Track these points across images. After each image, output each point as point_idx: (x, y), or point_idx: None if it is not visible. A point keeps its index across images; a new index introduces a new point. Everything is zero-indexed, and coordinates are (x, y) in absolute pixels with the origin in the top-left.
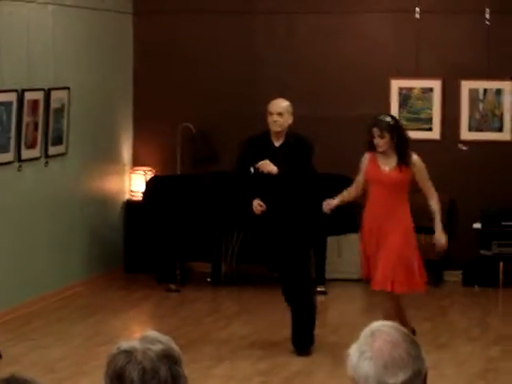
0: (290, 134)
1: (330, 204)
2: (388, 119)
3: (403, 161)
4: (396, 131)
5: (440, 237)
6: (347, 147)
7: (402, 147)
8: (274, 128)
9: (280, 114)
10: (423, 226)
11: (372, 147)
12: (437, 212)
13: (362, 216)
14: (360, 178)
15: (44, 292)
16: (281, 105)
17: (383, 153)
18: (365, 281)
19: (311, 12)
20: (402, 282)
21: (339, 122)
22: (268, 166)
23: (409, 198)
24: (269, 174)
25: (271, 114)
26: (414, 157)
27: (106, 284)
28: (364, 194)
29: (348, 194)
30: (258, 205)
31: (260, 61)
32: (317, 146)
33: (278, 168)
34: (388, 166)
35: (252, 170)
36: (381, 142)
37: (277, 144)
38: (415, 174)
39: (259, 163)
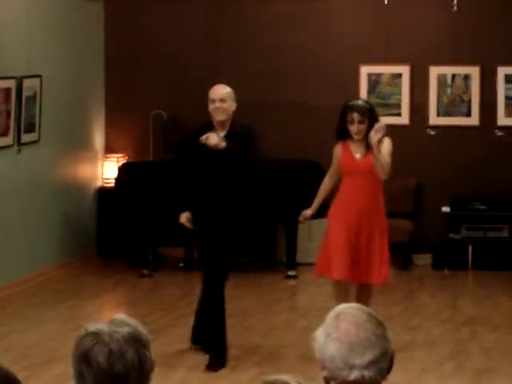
0: (235, 122)
1: (305, 216)
2: (364, 103)
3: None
4: (372, 117)
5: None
6: (317, 133)
7: None
8: (218, 116)
9: (223, 101)
10: (390, 210)
11: (343, 135)
12: (382, 157)
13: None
14: (334, 170)
15: (17, 278)
16: (223, 91)
17: (358, 139)
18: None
19: None
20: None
21: (308, 109)
22: (214, 140)
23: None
24: (213, 152)
25: (213, 101)
26: (386, 138)
27: (79, 269)
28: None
29: (324, 192)
30: (185, 219)
31: (229, 48)
32: (286, 133)
33: (225, 147)
34: (359, 152)
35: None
36: (361, 128)
37: (222, 134)
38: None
39: (205, 136)
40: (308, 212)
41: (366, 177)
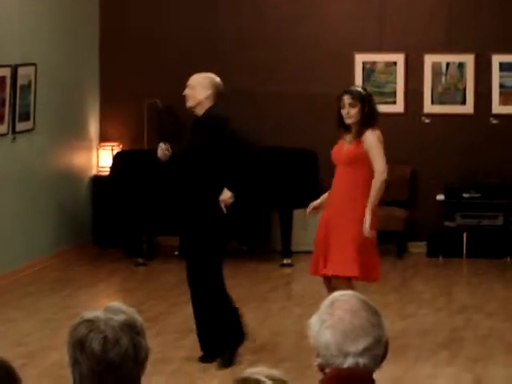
0: (210, 110)
1: (312, 209)
2: (359, 89)
3: (357, 134)
4: (367, 104)
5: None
6: (312, 122)
7: (368, 122)
8: (187, 103)
9: (188, 87)
10: (384, 198)
11: (342, 126)
12: (371, 194)
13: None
14: None
15: (13, 267)
16: (194, 77)
17: (352, 126)
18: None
19: None
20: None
21: (303, 98)
22: (227, 200)
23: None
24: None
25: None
26: (367, 132)
27: (74, 258)
28: None
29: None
30: (165, 149)
31: (226, 38)
32: (281, 121)
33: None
34: (347, 142)
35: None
36: (351, 112)
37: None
38: (366, 149)
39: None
40: (314, 205)
41: (346, 167)
